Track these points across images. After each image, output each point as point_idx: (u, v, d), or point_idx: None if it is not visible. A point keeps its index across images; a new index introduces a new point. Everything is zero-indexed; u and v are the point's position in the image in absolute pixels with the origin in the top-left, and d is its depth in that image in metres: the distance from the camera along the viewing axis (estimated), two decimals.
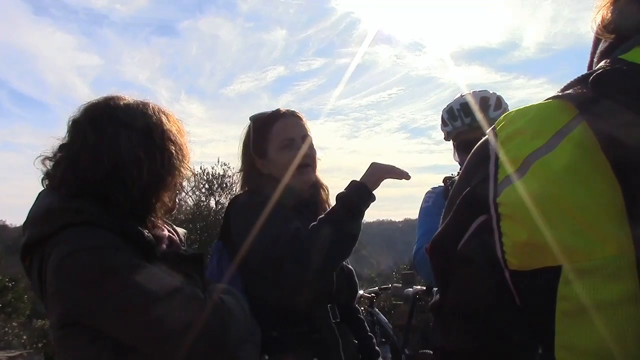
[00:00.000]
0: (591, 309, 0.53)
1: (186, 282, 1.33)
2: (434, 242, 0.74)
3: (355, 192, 1.81)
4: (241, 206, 1.89)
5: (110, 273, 1.21)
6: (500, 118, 0.67)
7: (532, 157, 0.58)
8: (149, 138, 1.36)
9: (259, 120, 2.00)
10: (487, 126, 2.28)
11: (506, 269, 0.60)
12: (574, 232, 0.54)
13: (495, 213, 0.60)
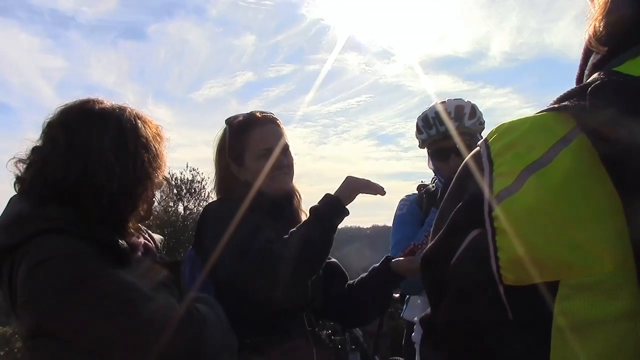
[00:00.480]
0: (588, 325, 0.52)
1: (161, 290, 1.30)
2: (426, 255, 0.73)
3: (328, 206, 1.79)
4: (214, 215, 1.87)
5: (81, 282, 1.18)
6: (492, 130, 0.66)
7: (528, 170, 0.57)
8: (121, 144, 1.32)
9: (235, 124, 1.97)
10: (458, 136, 2.32)
11: (500, 284, 0.59)
12: (572, 247, 0.53)
13: (490, 227, 0.59)
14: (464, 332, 0.66)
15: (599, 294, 0.52)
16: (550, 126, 0.60)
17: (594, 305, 0.52)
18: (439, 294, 0.69)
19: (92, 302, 1.17)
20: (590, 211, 0.53)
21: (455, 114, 2.37)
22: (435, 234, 0.72)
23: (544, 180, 0.56)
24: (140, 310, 1.21)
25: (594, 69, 0.66)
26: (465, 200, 0.65)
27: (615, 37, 0.63)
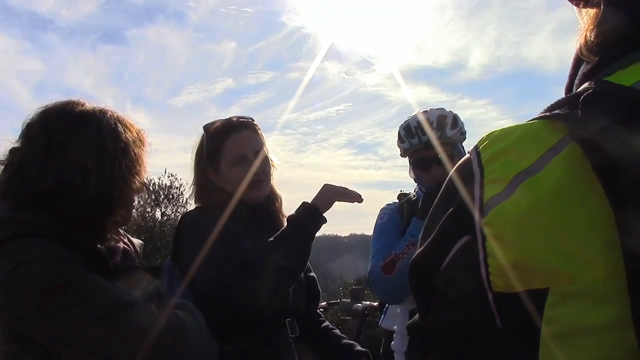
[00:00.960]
0: (577, 332, 0.52)
1: (140, 296, 1.28)
2: (414, 261, 0.72)
3: (305, 214, 1.80)
4: (191, 225, 1.85)
5: (59, 287, 1.15)
6: (482, 137, 0.66)
7: (519, 177, 0.58)
8: (100, 148, 1.30)
9: (211, 131, 1.96)
10: (440, 146, 2.33)
11: (490, 291, 0.59)
12: (563, 255, 0.53)
13: (480, 234, 0.59)
14: (452, 339, 0.65)
15: (588, 301, 0.52)
16: (542, 134, 0.60)
17: (583, 313, 0.52)
18: (426, 300, 0.69)
19: (71, 308, 1.15)
20: (580, 219, 0.54)
21: (437, 124, 2.37)
22: (424, 240, 0.71)
23: (535, 188, 0.56)
24: (120, 316, 1.19)
25: (585, 79, 0.66)
26: (455, 206, 0.65)
27: (606, 47, 0.64)
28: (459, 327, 0.65)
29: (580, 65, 0.69)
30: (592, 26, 0.65)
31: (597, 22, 0.65)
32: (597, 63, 0.65)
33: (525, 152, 0.59)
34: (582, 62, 0.69)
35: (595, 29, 0.65)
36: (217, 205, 1.80)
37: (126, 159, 1.34)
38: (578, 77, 0.68)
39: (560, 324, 0.53)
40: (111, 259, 1.30)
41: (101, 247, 1.27)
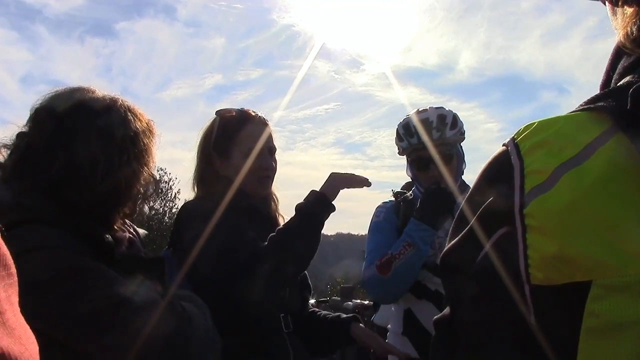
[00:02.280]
0: (621, 326, 0.52)
1: (145, 287, 1.26)
2: (446, 254, 0.72)
3: (314, 202, 1.78)
4: (192, 214, 1.83)
5: (64, 275, 1.13)
6: (520, 129, 0.65)
7: (562, 168, 0.57)
8: (109, 136, 1.27)
9: (227, 117, 1.94)
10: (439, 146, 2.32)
11: (527, 284, 0.58)
12: (607, 247, 0.53)
13: (521, 225, 0.58)
14: (484, 333, 0.64)
15: (632, 295, 0.51)
16: (586, 125, 0.59)
17: (628, 307, 0.52)
18: (459, 294, 0.68)
19: (75, 296, 1.13)
20: (626, 211, 0.53)
21: (437, 124, 2.35)
22: (456, 233, 0.71)
23: (580, 179, 0.56)
24: (124, 306, 1.17)
25: (626, 72, 0.66)
26: (492, 198, 0.64)
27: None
28: (491, 321, 0.64)
29: (619, 60, 0.68)
30: (634, 20, 0.65)
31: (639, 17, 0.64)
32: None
33: (568, 143, 0.59)
34: (621, 57, 0.68)
35: (638, 23, 0.64)
36: (218, 193, 1.78)
37: (135, 148, 1.32)
38: (618, 70, 0.68)
39: (603, 318, 0.53)
40: (117, 249, 1.28)
41: (107, 237, 1.25)
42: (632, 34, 0.64)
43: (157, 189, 1.44)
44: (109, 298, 1.16)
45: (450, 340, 0.69)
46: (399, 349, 2.16)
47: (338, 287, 7.99)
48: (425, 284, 2.36)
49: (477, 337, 0.65)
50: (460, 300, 0.68)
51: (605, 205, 0.54)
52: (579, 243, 0.54)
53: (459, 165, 2.49)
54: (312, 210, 1.78)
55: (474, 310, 0.65)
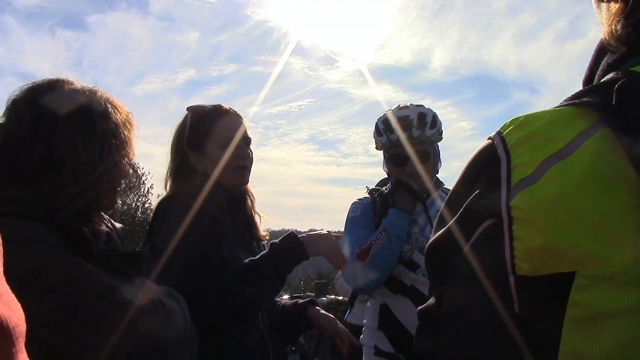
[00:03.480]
0: (604, 316, 0.53)
1: (124, 281, 1.25)
2: (432, 245, 0.72)
3: (289, 251, 1.76)
4: (168, 213, 1.81)
5: (42, 269, 1.11)
6: (506, 123, 0.66)
7: (548, 161, 0.58)
8: (89, 128, 1.26)
9: (199, 113, 1.93)
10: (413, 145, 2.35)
11: (512, 275, 0.60)
12: (592, 239, 0.54)
13: (507, 216, 0.59)
14: (468, 323, 0.66)
15: (616, 285, 0.53)
16: (571, 120, 0.61)
17: (611, 297, 0.53)
18: (444, 284, 0.69)
19: (53, 290, 1.11)
20: (610, 204, 0.54)
21: (418, 122, 2.38)
22: (442, 224, 0.71)
23: (565, 172, 0.57)
24: (103, 300, 1.15)
25: (609, 69, 0.67)
26: (479, 191, 0.65)
27: (633, 38, 0.65)
28: (476, 311, 0.65)
29: (602, 57, 0.70)
30: (618, 18, 0.66)
31: (625, 15, 0.65)
32: (624, 53, 0.66)
33: (554, 136, 0.60)
34: (604, 53, 0.70)
35: (622, 20, 0.66)
36: (194, 188, 1.77)
37: (116, 140, 1.31)
38: (601, 67, 0.69)
39: (586, 308, 0.54)
40: (95, 243, 1.26)
41: (85, 230, 1.23)
42: (616, 32, 0.66)
43: (138, 182, 1.42)
44: (88, 292, 1.14)
45: (434, 330, 0.70)
46: (353, 337, 2.19)
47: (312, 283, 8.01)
48: (401, 279, 2.38)
49: (461, 326, 0.66)
50: (445, 291, 0.69)
51: (590, 198, 0.55)
52: (564, 235, 0.55)
53: (435, 163, 2.53)
54: (284, 258, 1.74)
55: (459, 301, 0.66)
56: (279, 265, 1.72)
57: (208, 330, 1.55)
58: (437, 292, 0.71)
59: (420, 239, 2.40)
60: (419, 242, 2.39)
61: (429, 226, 2.42)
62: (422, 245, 2.36)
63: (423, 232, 2.41)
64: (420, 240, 2.39)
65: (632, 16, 0.65)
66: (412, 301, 2.34)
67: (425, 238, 2.38)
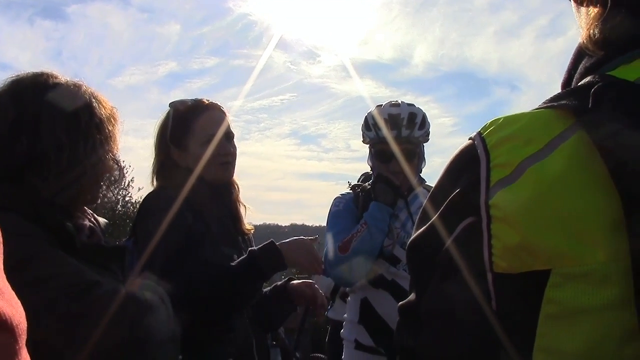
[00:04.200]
0: (577, 312, 0.55)
1: (107, 275, 1.25)
2: (414, 241, 0.74)
3: (267, 258, 1.77)
4: (152, 208, 1.81)
5: (24, 264, 1.11)
6: (486, 124, 0.68)
7: (526, 162, 0.60)
8: (74, 122, 1.26)
9: (180, 108, 1.93)
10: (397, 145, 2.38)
11: (490, 272, 0.61)
12: (567, 238, 0.56)
13: (486, 215, 0.61)
14: (447, 319, 0.67)
15: (589, 283, 0.55)
16: (549, 122, 0.62)
17: (584, 294, 0.55)
18: (424, 280, 0.71)
19: (35, 284, 1.11)
20: (585, 204, 0.56)
21: (407, 121, 2.42)
22: (423, 221, 0.73)
23: (542, 173, 0.59)
24: (86, 294, 1.16)
25: (587, 72, 0.69)
26: (460, 189, 0.67)
27: (611, 43, 0.67)
28: (454, 308, 0.67)
29: (581, 60, 0.72)
30: (596, 22, 0.68)
31: (603, 20, 0.67)
32: (602, 57, 0.68)
33: (532, 138, 0.62)
34: (583, 57, 0.72)
35: (600, 25, 0.68)
36: (179, 184, 1.78)
37: (100, 135, 1.31)
38: (579, 70, 0.71)
39: (560, 305, 0.56)
40: (78, 237, 1.26)
41: (68, 225, 1.23)
42: (594, 36, 0.68)
43: (121, 176, 1.42)
44: (70, 287, 1.14)
45: (414, 325, 0.72)
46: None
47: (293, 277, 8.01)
48: (381, 274, 2.41)
49: (440, 322, 0.68)
50: (425, 287, 0.70)
51: (566, 198, 0.57)
52: (540, 234, 0.57)
53: (419, 163, 2.57)
54: (262, 265, 1.75)
55: (439, 297, 0.68)
56: (257, 273, 1.74)
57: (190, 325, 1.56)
58: (417, 288, 0.73)
59: (401, 234, 2.43)
60: (400, 237, 2.42)
61: (410, 222, 2.45)
62: (404, 240, 2.40)
63: (404, 228, 2.45)
64: (402, 235, 2.43)
65: (610, 21, 0.67)
66: (393, 295, 2.37)
67: (407, 233, 2.41)
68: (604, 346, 0.54)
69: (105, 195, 1.41)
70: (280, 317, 2.16)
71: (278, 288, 2.11)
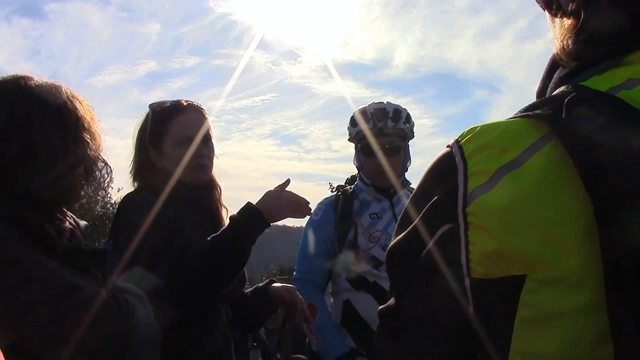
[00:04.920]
0: (551, 316, 0.57)
1: (87, 279, 1.24)
2: (394, 247, 0.75)
3: (248, 221, 1.76)
4: (129, 209, 1.81)
5: (5, 267, 1.11)
6: (464, 132, 0.69)
7: (502, 170, 0.61)
8: (62, 124, 1.26)
9: (158, 110, 1.93)
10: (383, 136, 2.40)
11: (467, 277, 0.63)
12: (542, 244, 0.57)
13: (464, 222, 0.63)
14: (426, 324, 0.69)
15: (563, 288, 0.56)
16: (524, 131, 0.64)
17: (558, 299, 0.56)
18: (403, 285, 0.72)
19: (16, 288, 1.11)
20: (559, 211, 0.58)
21: (393, 114, 2.48)
22: (402, 228, 0.74)
23: (518, 180, 0.60)
24: (67, 298, 1.15)
25: (560, 83, 0.71)
26: (438, 196, 0.68)
27: (583, 54, 0.69)
28: (433, 312, 0.68)
29: (555, 69, 0.74)
30: (570, 34, 0.70)
31: (576, 31, 0.69)
32: (575, 68, 0.70)
33: (508, 146, 0.63)
34: (557, 67, 0.73)
35: (573, 37, 0.70)
36: (156, 185, 1.78)
37: (88, 134, 1.31)
38: (553, 80, 0.73)
39: (535, 309, 0.58)
40: (58, 240, 1.26)
41: (49, 228, 1.23)
42: (568, 47, 0.70)
43: (109, 174, 1.42)
44: (51, 290, 1.14)
45: (394, 330, 0.73)
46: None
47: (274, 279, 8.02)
48: (364, 276, 2.43)
49: (419, 326, 0.70)
50: (404, 292, 0.72)
51: (540, 205, 0.59)
52: (515, 240, 0.59)
53: (405, 160, 2.60)
54: (244, 228, 1.74)
55: (417, 301, 0.70)
56: (241, 238, 1.72)
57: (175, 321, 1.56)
58: (397, 292, 0.74)
59: (383, 237, 2.45)
60: (382, 239, 2.45)
61: (394, 223, 2.48)
62: (385, 243, 2.42)
63: (387, 229, 2.47)
64: (383, 237, 2.45)
65: (583, 33, 0.69)
66: (375, 298, 2.39)
67: (389, 235, 2.44)
68: (577, 349, 0.56)
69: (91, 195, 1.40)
70: (260, 319, 2.15)
71: (259, 289, 2.11)
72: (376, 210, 2.53)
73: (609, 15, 0.66)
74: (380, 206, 2.54)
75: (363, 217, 2.51)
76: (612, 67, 0.66)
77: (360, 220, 2.50)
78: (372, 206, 2.54)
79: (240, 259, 1.76)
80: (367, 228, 2.48)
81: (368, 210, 2.53)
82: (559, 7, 0.74)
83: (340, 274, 2.51)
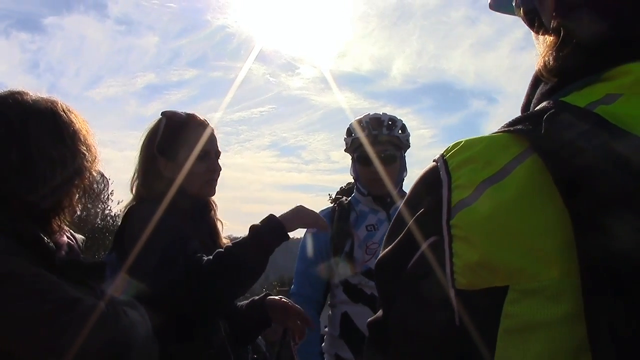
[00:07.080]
0: (532, 327, 0.58)
1: (85, 292, 1.26)
2: (381, 260, 0.77)
3: (269, 230, 1.77)
4: (138, 219, 1.80)
5: (5, 281, 1.12)
6: (449, 147, 0.71)
7: (485, 183, 0.63)
8: (59, 136, 1.29)
9: (175, 118, 1.93)
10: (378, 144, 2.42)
11: (452, 288, 0.64)
12: (523, 255, 0.59)
13: (448, 234, 0.64)
14: (413, 336, 0.70)
15: (543, 298, 0.58)
16: (506, 145, 0.66)
17: (538, 309, 0.58)
18: (391, 298, 0.73)
19: (15, 301, 1.12)
20: (539, 223, 0.59)
21: (388, 123, 2.50)
22: (390, 241, 0.76)
23: (500, 193, 0.62)
24: (66, 311, 1.16)
25: (542, 98, 0.73)
26: (423, 209, 0.70)
27: (564, 70, 0.71)
28: (420, 324, 0.69)
29: (538, 86, 0.76)
30: (550, 51, 0.72)
31: (556, 48, 0.72)
32: (555, 84, 0.72)
33: (490, 161, 0.65)
34: (539, 83, 0.76)
35: (554, 53, 0.72)
36: (158, 194, 1.79)
37: (84, 147, 1.34)
38: (536, 96, 0.75)
39: (517, 319, 0.59)
40: (57, 253, 1.27)
41: (48, 241, 1.24)
42: (549, 64, 0.72)
43: (106, 185, 1.45)
44: (50, 303, 1.15)
45: (382, 341, 0.75)
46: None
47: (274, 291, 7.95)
48: (361, 288, 2.44)
49: (406, 338, 0.71)
50: (392, 303, 0.73)
51: (521, 217, 0.60)
52: (498, 251, 0.60)
53: (401, 170, 2.61)
54: (265, 237, 1.75)
55: (405, 313, 0.71)
56: (260, 248, 1.73)
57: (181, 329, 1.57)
58: (385, 304, 0.76)
59: (379, 249, 2.46)
60: (378, 251, 2.46)
61: None
62: None
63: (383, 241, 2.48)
64: (380, 250, 2.46)
65: (563, 49, 0.71)
66: (372, 310, 2.39)
67: None
68: (557, 359, 0.57)
69: (89, 209, 1.43)
70: (254, 332, 2.16)
71: (255, 302, 2.11)
72: (372, 222, 2.54)
73: (590, 27, 0.68)
74: (376, 218, 2.55)
75: (359, 229, 2.52)
76: (592, 83, 0.68)
77: (357, 233, 2.51)
78: (369, 218, 2.56)
79: (257, 270, 1.77)
80: (363, 240, 2.49)
81: (364, 222, 2.54)
82: (541, 24, 0.76)
83: (338, 285, 2.52)
